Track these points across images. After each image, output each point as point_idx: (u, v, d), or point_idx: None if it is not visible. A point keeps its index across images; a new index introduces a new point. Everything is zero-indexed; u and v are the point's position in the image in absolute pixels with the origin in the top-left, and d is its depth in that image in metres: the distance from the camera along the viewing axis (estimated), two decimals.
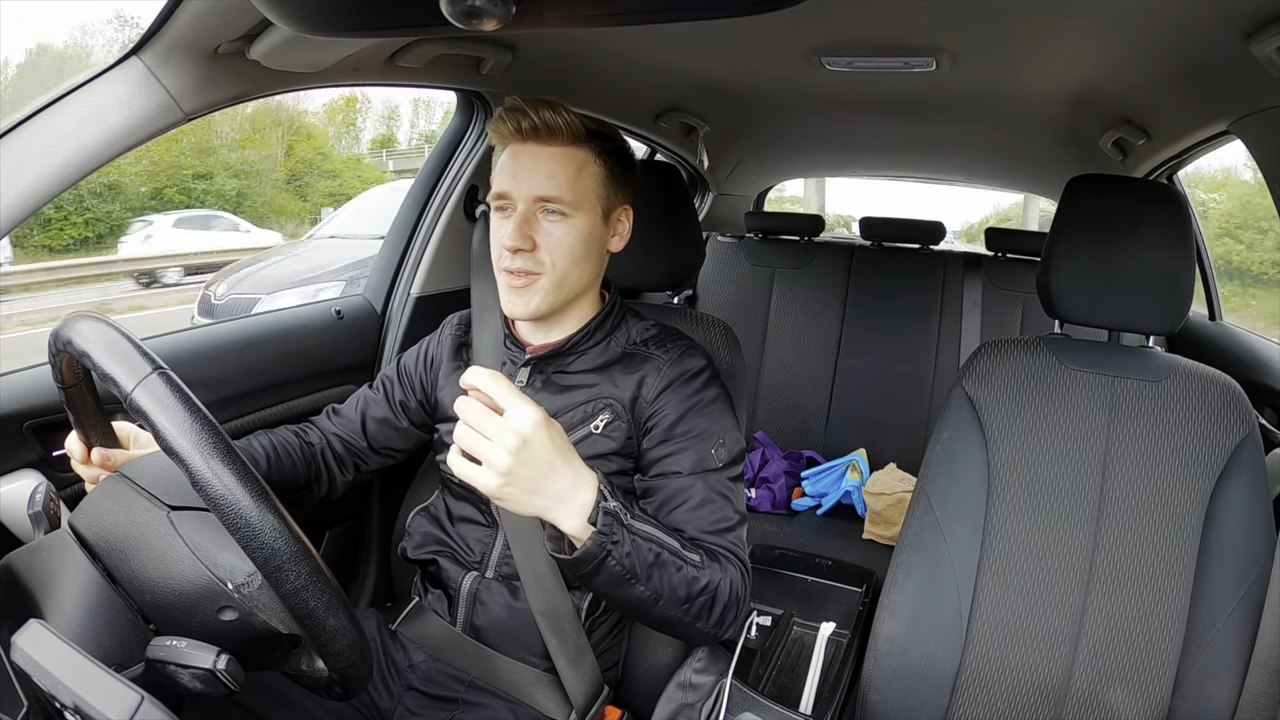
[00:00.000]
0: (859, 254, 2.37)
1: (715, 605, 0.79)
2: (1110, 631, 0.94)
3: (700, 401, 0.91)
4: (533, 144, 0.88)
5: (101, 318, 0.54)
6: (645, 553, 0.72)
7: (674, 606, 0.76)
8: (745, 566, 0.84)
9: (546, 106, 0.86)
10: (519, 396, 0.64)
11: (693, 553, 0.78)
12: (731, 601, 0.81)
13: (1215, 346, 1.73)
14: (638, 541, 0.71)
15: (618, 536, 0.69)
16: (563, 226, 0.88)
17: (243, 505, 0.47)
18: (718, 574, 0.80)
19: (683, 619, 0.78)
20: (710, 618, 0.80)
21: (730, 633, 0.84)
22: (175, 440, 0.47)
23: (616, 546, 0.69)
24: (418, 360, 1.07)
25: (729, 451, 0.89)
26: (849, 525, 1.93)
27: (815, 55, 1.35)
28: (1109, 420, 0.99)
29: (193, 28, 0.82)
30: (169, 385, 0.49)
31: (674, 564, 0.75)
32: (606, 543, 0.68)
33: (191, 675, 0.51)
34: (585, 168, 0.89)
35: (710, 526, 0.85)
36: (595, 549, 0.68)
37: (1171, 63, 1.14)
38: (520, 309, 0.90)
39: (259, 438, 0.98)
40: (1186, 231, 0.97)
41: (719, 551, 0.83)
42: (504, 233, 0.87)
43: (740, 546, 0.86)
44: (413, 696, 0.94)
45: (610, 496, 0.69)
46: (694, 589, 0.77)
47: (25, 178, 0.78)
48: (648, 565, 0.72)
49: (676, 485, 0.87)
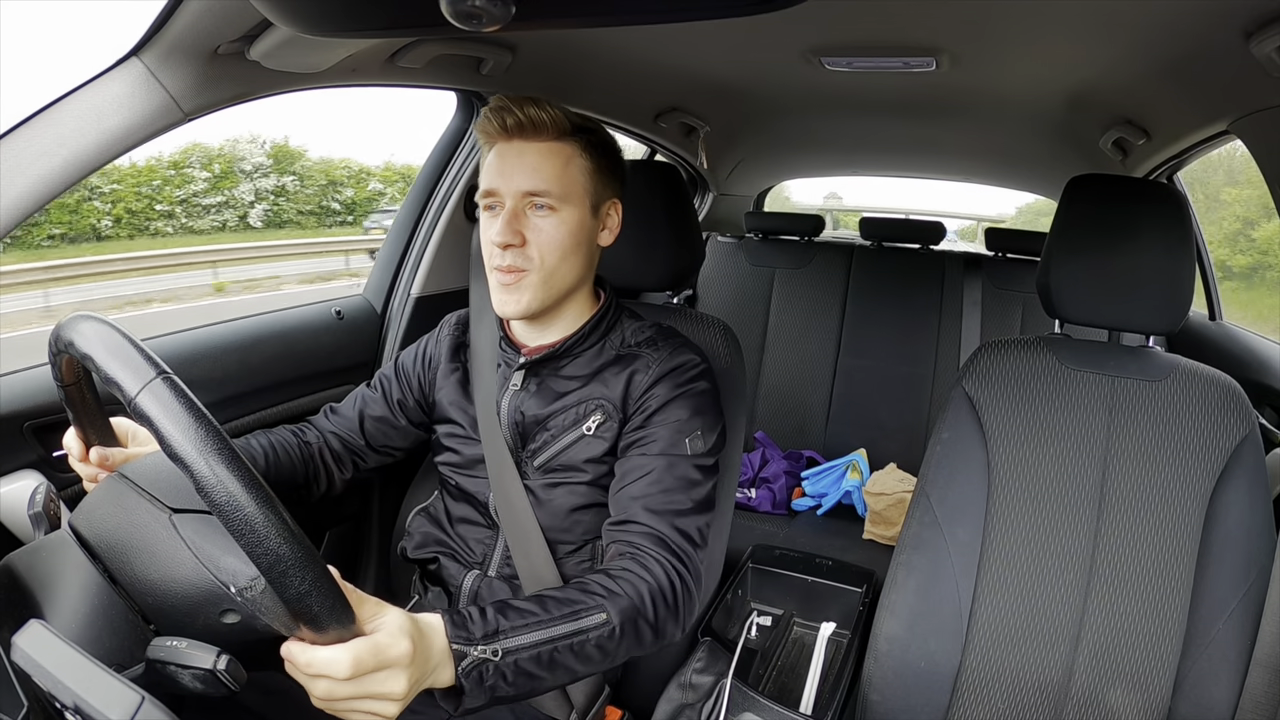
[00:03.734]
0: (859, 254, 2.37)
1: (643, 632, 0.77)
2: (1110, 631, 0.94)
3: (686, 393, 0.91)
4: (518, 140, 0.88)
5: (103, 319, 0.54)
6: (533, 664, 0.68)
7: (597, 665, 0.74)
8: (681, 558, 0.82)
9: (531, 103, 0.87)
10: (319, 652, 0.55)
11: (594, 611, 0.73)
12: (665, 610, 0.78)
13: (1215, 346, 1.73)
14: (520, 661, 0.67)
15: (492, 679, 0.65)
16: (552, 221, 0.88)
17: (248, 511, 0.47)
18: (631, 606, 0.76)
19: (618, 660, 0.76)
20: (644, 643, 0.77)
21: (683, 629, 0.82)
22: (180, 446, 0.47)
23: (496, 684, 0.66)
24: (415, 359, 1.07)
25: (705, 444, 0.89)
26: (849, 525, 1.93)
27: (815, 55, 1.35)
28: (1109, 420, 0.99)
29: (193, 28, 0.82)
30: (173, 390, 0.49)
31: (574, 645, 0.71)
32: (484, 691, 0.65)
33: (192, 676, 0.51)
34: (572, 161, 0.89)
35: (656, 506, 0.84)
36: (477, 701, 0.65)
37: (1171, 62, 1.14)
38: (511, 307, 0.90)
39: (257, 437, 0.98)
40: (1186, 231, 0.97)
41: (638, 559, 0.80)
42: (493, 229, 0.87)
43: (682, 536, 0.83)
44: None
45: (465, 643, 0.64)
46: (609, 645, 0.73)
47: (25, 178, 0.78)
48: (545, 667, 0.69)
49: (638, 462, 0.87)
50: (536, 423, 0.94)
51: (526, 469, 0.94)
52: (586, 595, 0.74)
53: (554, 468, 0.93)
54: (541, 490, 0.93)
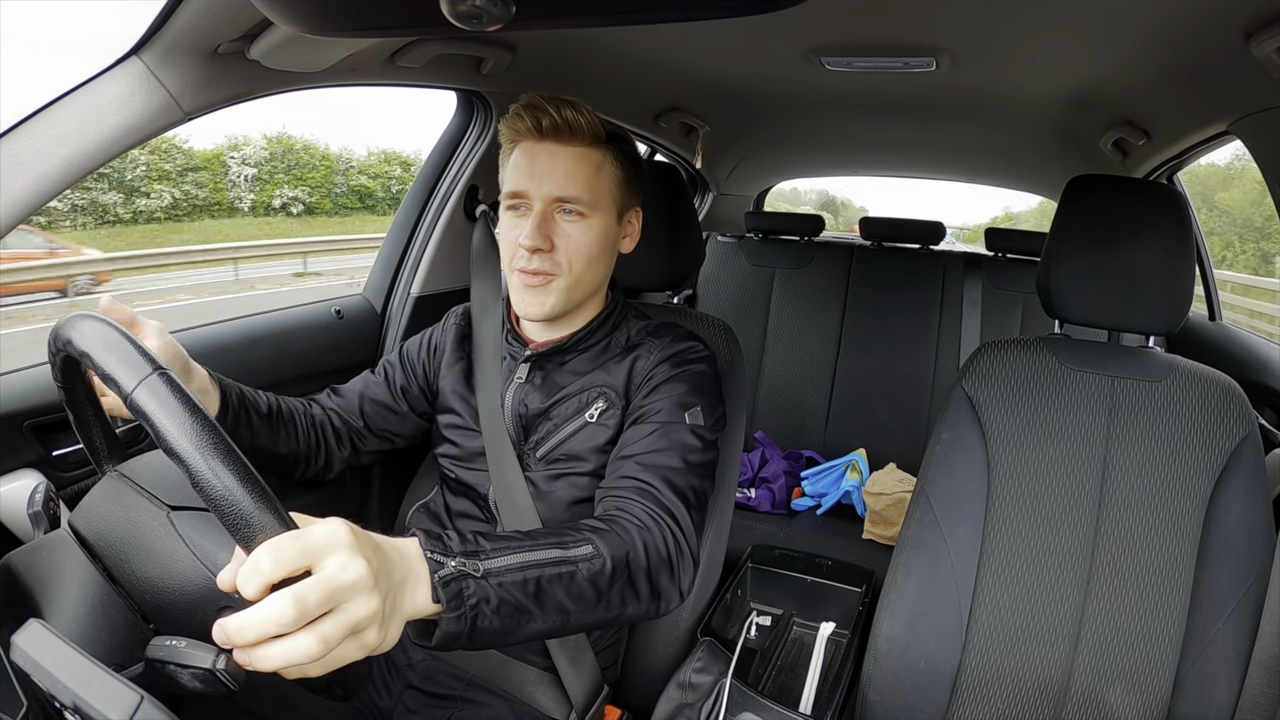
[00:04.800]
0: (859, 254, 2.37)
1: (637, 579, 0.71)
2: (1110, 631, 0.94)
3: (687, 372, 0.91)
4: (551, 143, 0.87)
5: (102, 317, 0.54)
6: (519, 591, 0.60)
7: (589, 612, 0.66)
8: (672, 512, 0.78)
9: (568, 105, 0.86)
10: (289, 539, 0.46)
11: (581, 544, 0.67)
12: (658, 560, 0.73)
13: (1215, 346, 1.73)
14: (504, 584, 0.59)
15: (474, 599, 0.56)
16: (580, 227, 0.88)
17: (243, 506, 0.47)
18: (621, 544, 0.70)
19: (609, 615, 0.69)
20: (640, 595, 0.71)
21: (681, 594, 0.77)
22: (176, 440, 0.47)
23: (479, 608, 0.57)
24: (421, 347, 1.07)
25: (704, 421, 0.88)
26: (849, 525, 1.93)
27: (815, 55, 1.35)
28: (1109, 420, 0.99)
29: (193, 27, 0.82)
30: (170, 385, 0.49)
31: (562, 575, 0.64)
32: (465, 612, 0.56)
33: (191, 675, 0.51)
34: (603, 169, 0.89)
35: (649, 462, 0.81)
36: (457, 626, 0.56)
37: (1172, 63, 1.15)
38: (535, 309, 0.90)
39: (265, 393, 0.96)
40: (1186, 232, 0.97)
41: (625, 509, 0.76)
42: (521, 232, 0.87)
43: (674, 491, 0.80)
44: (412, 695, 0.94)
45: (443, 555, 0.56)
46: (601, 581, 0.67)
47: (25, 177, 0.78)
48: (531, 597, 0.61)
49: (636, 431, 0.87)
50: (539, 414, 0.94)
51: (529, 460, 0.94)
52: (573, 530, 0.70)
53: (557, 458, 0.93)
54: (543, 482, 0.93)
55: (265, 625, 0.43)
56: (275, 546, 0.45)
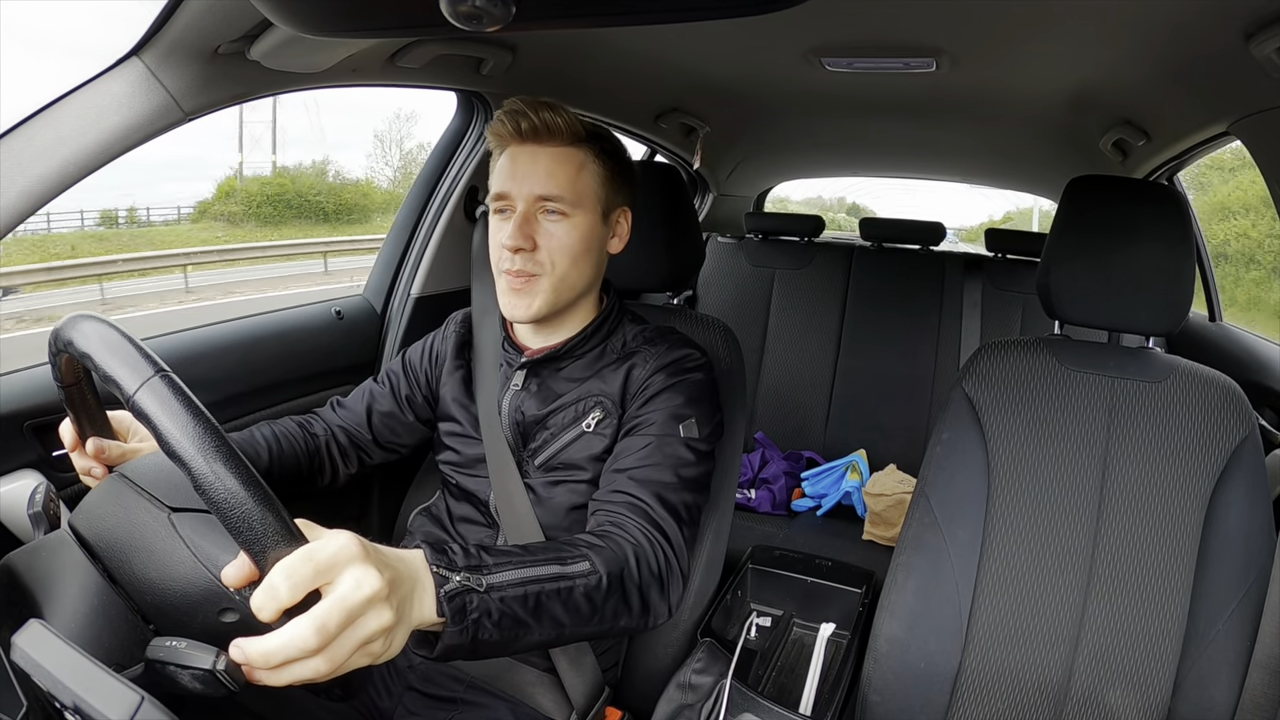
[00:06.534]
0: (859, 255, 2.37)
1: (630, 595, 0.73)
2: (1110, 632, 0.94)
3: (683, 381, 0.91)
4: (532, 145, 0.88)
5: (103, 318, 0.54)
6: (519, 605, 0.62)
7: (584, 625, 0.69)
8: (663, 528, 0.79)
9: (546, 107, 0.87)
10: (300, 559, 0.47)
11: (579, 560, 0.70)
12: (649, 575, 0.75)
13: (1215, 347, 1.73)
14: (505, 598, 0.61)
15: (476, 613, 0.58)
16: (563, 226, 0.88)
17: (246, 509, 0.47)
18: (616, 561, 0.72)
19: (602, 629, 0.71)
20: (632, 610, 0.73)
21: (670, 608, 0.79)
22: (178, 443, 0.47)
23: (480, 622, 0.58)
24: (423, 355, 1.07)
25: (699, 432, 0.88)
26: (849, 526, 1.93)
27: (815, 56, 1.36)
28: (1109, 421, 0.99)
29: (193, 28, 0.82)
30: (172, 388, 0.48)
31: (560, 590, 0.66)
32: (468, 626, 0.58)
33: (191, 676, 0.51)
34: (585, 167, 0.89)
35: (641, 477, 0.83)
36: (459, 639, 0.57)
37: (1171, 63, 1.15)
38: (520, 311, 0.90)
39: (261, 429, 0.97)
40: (1186, 232, 0.97)
41: (619, 524, 0.78)
42: (504, 233, 0.87)
43: (665, 507, 0.81)
44: (412, 697, 0.94)
45: (448, 569, 0.58)
46: (596, 597, 0.69)
47: (25, 178, 0.78)
48: (530, 612, 0.63)
49: (630, 443, 0.87)
50: (536, 422, 0.94)
51: (528, 468, 0.95)
52: (570, 546, 0.72)
53: (555, 466, 0.93)
54: (542, 489, 0.93)
55: (288, 653, 0.45)
56: (289, 569, 0.46)
